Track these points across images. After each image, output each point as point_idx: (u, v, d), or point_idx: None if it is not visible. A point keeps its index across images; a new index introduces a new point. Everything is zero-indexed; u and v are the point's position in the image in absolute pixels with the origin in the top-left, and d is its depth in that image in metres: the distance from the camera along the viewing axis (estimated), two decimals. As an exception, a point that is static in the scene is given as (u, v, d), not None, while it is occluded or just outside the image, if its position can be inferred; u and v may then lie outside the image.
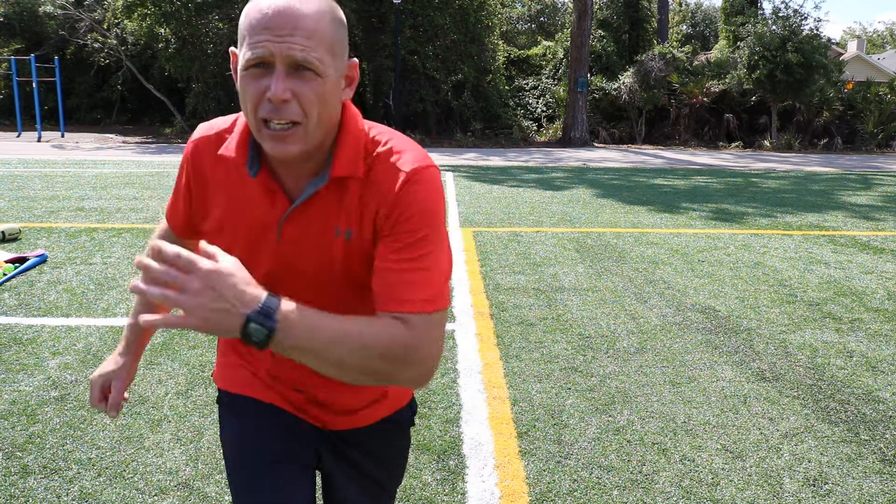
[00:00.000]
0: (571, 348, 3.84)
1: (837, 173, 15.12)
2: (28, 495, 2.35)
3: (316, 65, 1.03)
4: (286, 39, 1.01)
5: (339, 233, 1.15)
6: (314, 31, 1.03)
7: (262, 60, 1.03)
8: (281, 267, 1.20)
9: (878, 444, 2.83)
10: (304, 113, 1.05)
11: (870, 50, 46.18)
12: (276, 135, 1.05)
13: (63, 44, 26.96)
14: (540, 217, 8.27)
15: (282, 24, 1.01)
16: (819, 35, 22.45)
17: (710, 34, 43.02)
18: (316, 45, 1.03)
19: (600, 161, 17.09)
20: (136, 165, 13.69)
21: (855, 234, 7.60)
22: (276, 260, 1.20)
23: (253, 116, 1.07)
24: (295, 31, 1.02)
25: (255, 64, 1.04)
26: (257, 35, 1.02)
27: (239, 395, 1.35)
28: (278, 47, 1.01)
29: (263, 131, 1.07)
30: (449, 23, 22.35)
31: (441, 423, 2.93)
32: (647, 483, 2.51)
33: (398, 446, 1.45)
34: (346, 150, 1.14)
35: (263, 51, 1.02)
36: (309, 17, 1.03)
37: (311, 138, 1.08)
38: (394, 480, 1.47)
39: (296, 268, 1.20)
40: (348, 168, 1.13)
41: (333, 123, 1.13)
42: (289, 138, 1.06)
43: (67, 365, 3.46)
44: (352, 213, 1.15)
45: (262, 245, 1.19)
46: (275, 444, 1.29)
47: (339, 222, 1.15)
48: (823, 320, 4.45)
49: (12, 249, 5.90)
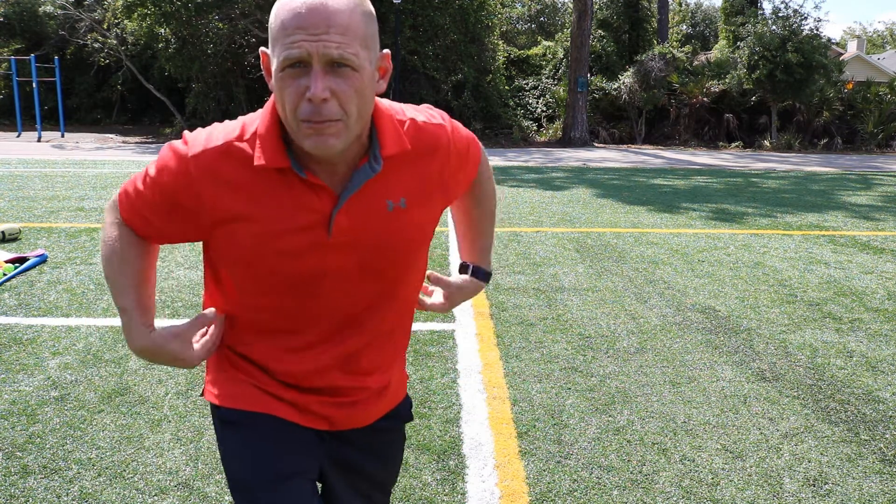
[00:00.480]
0: (571, 348, 3.84)
1: (837, 173, 15.13)
2: (28, 495, 2.35)
3: (352, 60, 1.04)
4: (321, 38, 1.01)
5: (393, 205, 1.19)
6: (347, 26, 1.03)
7: (299, 60, 1.03)
8: (328, 261, 1.19)
9: (878, 444, 2.83)
10: (343, 111, 1.06)
11: (870, 50, 46.18)
12: (316, 128, 1.05)
13: (63, 44, 26.97)
14: (540, 217, 8.27)
15: (316, 22, 1.01)
16: (819, 35, 22.46)
17: (710, 34, 43.02)
18: (350, 41, 1.03)
19: (600, 161, 17.09)
20: (136, 165, 13.69)
21: (855, 234, 7.60)
22: (325, 255, 1.18)
23: (293, 118, 1.06)
24: (329, 29, 1.02)
25: (291, 64, 1.03)
26: (292, 35, 1.02)
27: (243, 411, 1.29)
28: (314, 46, 1.01)
29: (304, 129, 1.06)
30: (449, 23, 22.35)
31: (441, 423, 2.93)
32: (647, 483, 2.51)
33: (396, 444, 1.46)
34: (388, 131, 1.18)
35: (300, 51, 1.02)
36: (341, 13, 1.03)
37: (351, 133, 1.09)
38: (391, 480, 1.48)
39: (343, 259, 1.19)
40: (396, 145, 1.18)
41: (370, 115, 1.14)
42: (328, 133, 1.06)
43: (67, 365, 3.46)
44: (402, 183, 1.20)
45: (308, 245, 1.17)
46: (283, 464, 1.25)
47: (388, 196, 1.19)
48: (823, 320, 4.45)
49: (12, 249, 5.90)
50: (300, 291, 1.21)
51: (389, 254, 1.22)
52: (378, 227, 1.19)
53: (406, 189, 1.21)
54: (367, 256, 1.21)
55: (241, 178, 1.14)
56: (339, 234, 1.16)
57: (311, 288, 1.21)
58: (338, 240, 1.17)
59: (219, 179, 1.14)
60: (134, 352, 1.25)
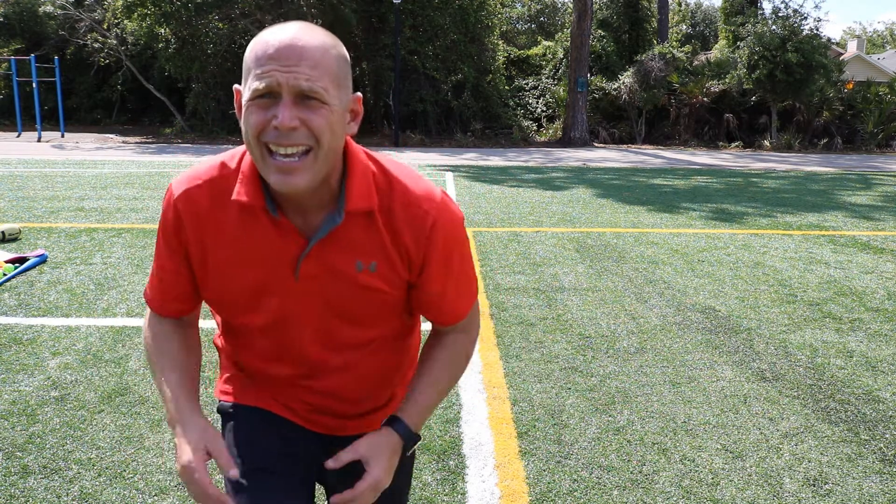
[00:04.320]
0: (571, 348, 3.84)
1: (837, 173, 15.13)
2: (28, 495, 2.35)
3: (321, 93, 1.05)
4: (292, 70, 1.03)
5: (363, 267, 1.18)
6: (319, 61, 1.05)
7: (269, 90, 1.04)
8: (293, 304, 1.21)
9: (878, 444, 2.83)
10: (315, 137, 1.06)
11: (870, 50, 46.19)
12: (282, 166, 1.06)
13: (63, 44, 26.96)
14: (540, 217, 8.27)
15: (288, 55, 1.04)
16: (819, 35, 22.44)
17: (710, 34, 43.03)
18: (321, 75, 1.05)
19: (600, 161, 17.09)
20: (136, 165, 13.69)
21: (855, 234, 7.60)
22: (290, 298, 1.21)
23: (256, 144, 1.07)
24: (301, 62, 1.04)
25: (261, 94, 1.05)
26: (264, 66, 1.04)
27: (239, 404, 1.34)
28: (285, 77, 1.03)
29: (269, 161, 1.07)
30: (449, 23, 22.34)
31: (441, 423, 2.93)
32: (647, 483, 2.51)
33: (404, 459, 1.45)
34: (357, 183, 1.16)
35: (270, 80, 1.04)
36: (314, 49, 1.05)
37: (319, 169, 1.09)
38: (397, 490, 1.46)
39: (310, 304, 1.21)
40: (362, 201, 1.16)
41: (338, 156, 1.14)
42: (296, 170, 1.06)
43: (67, 365, 3.46)
44: (374, 247, 1.18)
45: (274, 285, 1.20)
46: (273, 456, 1.28)
47: (360, 257, 1.18)
48: (823, 320, 4.45)
49: (12, 249, 5.90)
50: (269, 329, 1.25)
51: (357, 309, 1.23)
52: (343, 283, 1.20)
53: (380, 251, 1.19)
54: (334, 306, 1.22)
55: (217, 213, 1.18)
56: (305, 278, 1.19)
57: (278, 326, 1.24)
58: (304, 285, 1.19)
59: (199, 213, 1.19)
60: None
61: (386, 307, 1.25)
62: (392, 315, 1.27)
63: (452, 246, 1.23)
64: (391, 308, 1.26)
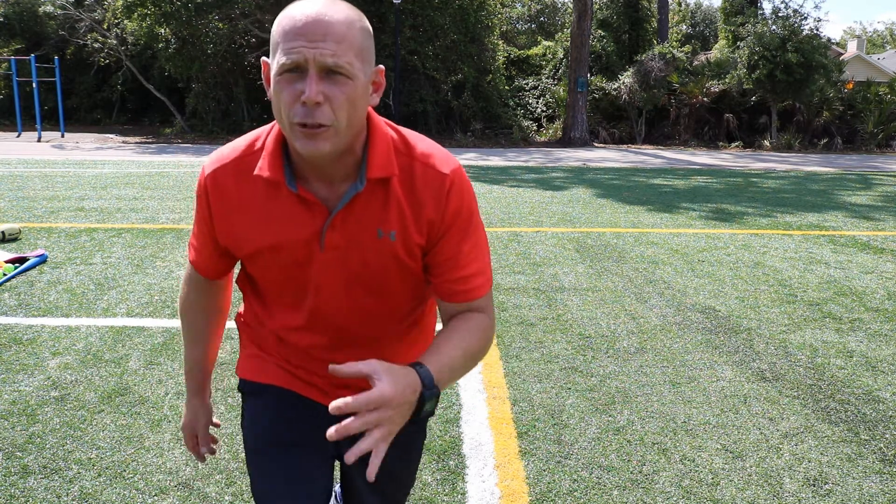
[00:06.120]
0: (571, 348, 3.84)
1: (837, 173, 15.13)
2: (28, 495, 2.35)
3: (346, 69, 1.09)
4: (318, 45, 1.07)
5: (382, 234, 1.23)
6: (344, 36, 1.09)
7: (296, 65, 1.08)
8: (323, 274, 1.27)
9: (878, 444, 2.83)
10: (334, 116, 1.10)
11: (870, 50, 46.19)
12: (307, 132, 1.10)
13: (63, 44, 26.97)
14: (540, 217, 8.27)
15: (314, 30, 1.07)
16: (819, 35, 22.44)
17: (710, 34, 43.03)
18: (346, 50, 1.09)
19: (600, 161, 17.09)
20: (136, 165, 13.69)
21: (855, 234, 7.60)
22: (319, 268, 1.26)
23: (287, 120, 1.12)
24: (326, 37, 1.07)
25: (289, 69, 1.09)
26: (291, 42, 1.08)
27: (260, 383, 1.41)
28: (311, 52, 1.07)
29: (297, 130, 1.11)
30: (449, 23, 22.33)
31: (441, 423, 2.93)
32: (647, 483, 2.51)
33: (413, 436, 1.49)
34: (378, 152, 1.21)
35: (298, 56, 1.07)
36: (339, 24, 1.09)
37: (341, 139, 1.13)
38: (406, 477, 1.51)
39: (336, 273, 1.27)
40: (383, 169, 1.20)
41: (361, 127, 1.18)
42: (319, 136, 1.10)
43: (67, 365, 3.46)
44: (393, 214, 1.22)
45: (304, 257, 1.25)
46: (293, 432, 1.35)
47: (380, 224, 1.23)
48: (823, 320, 4.45)
49: (12, 249, 5.91)
50: (295, 296, 1.32)
51: (378, 278, 1.29)
52: (366, 251, 1.25)
53: (399, 221, 1.23)
54: (354, 273, 1.27)
55: (242, 191, 1.24)
56: (330, 248, 1.23)
57: (304, 294, 1.31)
58: (330, 255, 1.24)
59: (225, 192, 1.26)
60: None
61: (406, 278, 1.29)
62: (411, 285, 1.32)
63: (469, 212, 1.27)
64: (412, 279, 1.30)
